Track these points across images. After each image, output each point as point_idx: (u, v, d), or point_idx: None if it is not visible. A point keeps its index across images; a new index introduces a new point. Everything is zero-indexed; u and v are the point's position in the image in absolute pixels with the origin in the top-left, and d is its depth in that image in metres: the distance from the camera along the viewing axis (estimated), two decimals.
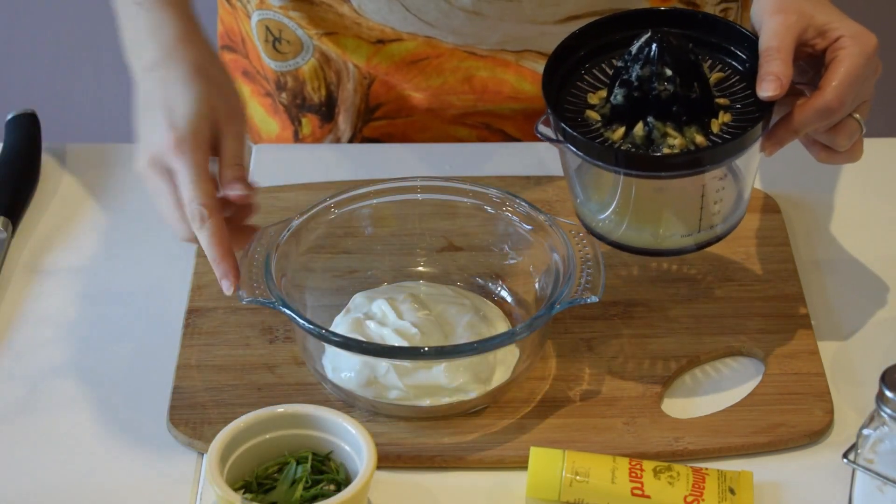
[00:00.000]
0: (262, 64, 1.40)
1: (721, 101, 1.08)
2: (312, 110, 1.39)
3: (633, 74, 1.05)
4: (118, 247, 1.26)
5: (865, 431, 0.98)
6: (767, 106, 1.06)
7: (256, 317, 1.17)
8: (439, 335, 1.11)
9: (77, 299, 1.21)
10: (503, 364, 1.10)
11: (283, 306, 1.07)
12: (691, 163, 1.05)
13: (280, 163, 1.35)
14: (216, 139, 1.10)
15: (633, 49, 1.06)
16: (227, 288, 1.07)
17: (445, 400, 1.08)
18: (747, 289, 1.20)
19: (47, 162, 1.34)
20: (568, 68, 1.11)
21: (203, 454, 1.07)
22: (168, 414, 1.10)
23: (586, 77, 1.10)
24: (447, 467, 1.07)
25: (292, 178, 1.32)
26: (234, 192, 1.08)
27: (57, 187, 1.32)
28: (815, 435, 1.08)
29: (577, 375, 1.12)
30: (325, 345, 1.09)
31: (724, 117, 1.07)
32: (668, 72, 1.05)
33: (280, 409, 1.03)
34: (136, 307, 1.20)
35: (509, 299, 1.17)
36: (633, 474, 1.02)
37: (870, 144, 1.37)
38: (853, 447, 0.99)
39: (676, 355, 1.14)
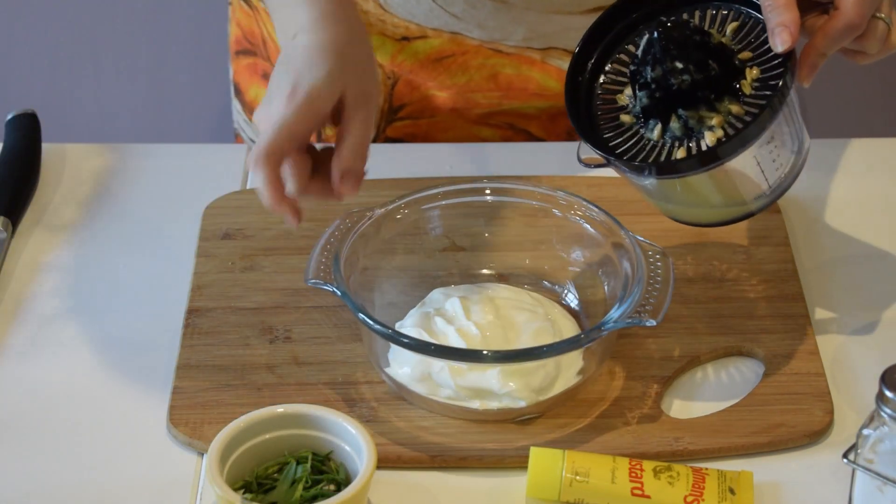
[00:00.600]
0: None
1: (744, 54, 1.06)
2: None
3: (648, 77, 1.05)
4: (118, 247, 1.26)
5: (865, 431, 0.98)
6: (788, 54, 1.04)
7: (256, 317, 1.17)
8: (502, 340, 1.11)
9: (77, 299, 1.21)
10: (562, 377, 1.10)
11: (343, 295, 1.08)
12: (728, 150, 1.03)
13: None
14: (341, 119, 1.06)
15: (639, 53, 1.06)
16: (290, 222, 1.05)
17: (495, 405, 1.08)
18: (747, 289, 1.20)
19: (47, 162, 1.34)
20: (587, 78, 1.10)
21: (203, 454, 1.07)
22: (168, 414, 1.10)
23: (608, 79, 1.09)
24: (447, 467, 1.07)
25: None
26: (343, 187, 1.06)
27: (57, 187, 1.32)
28: (815, 435, 1.08)
29: None
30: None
31: (752, 73, 1.05)
32: (679, 65, 1.04)
33: (280, 409, 1.03)
34: (136, 307, 1.20)
35: (575, 306, 1.18)
36: (633, 474, 1.02)
37: (870, 144, 1.37)
38: (853, 447, 0.99)
39: (676, 355, 1.14)
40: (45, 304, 1.20)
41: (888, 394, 0.95)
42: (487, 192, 1.19)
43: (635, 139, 1.06)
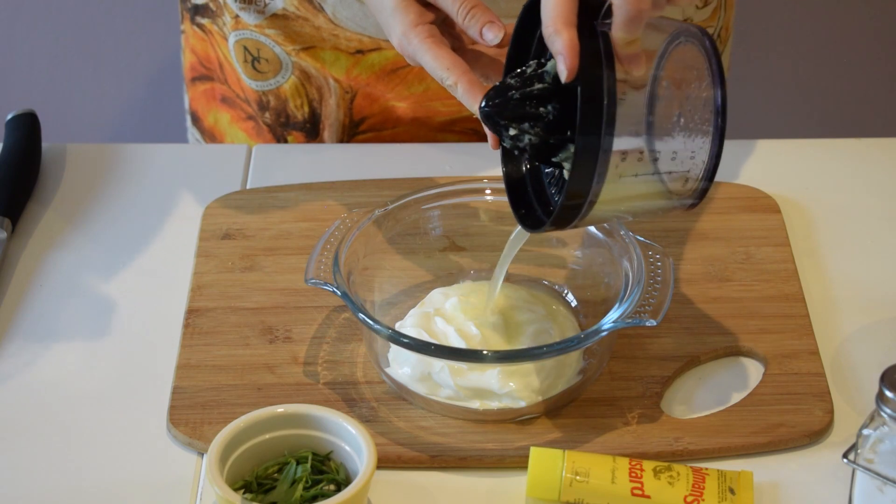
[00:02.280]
0: (241, 86, 1.39)
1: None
2: (297, 128, 1.39)
3: (508, 144, 1.02)
4: (118, 247, 1.26)
5: (865, 431, 0.98)
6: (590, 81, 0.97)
7: (256, 317, 1.17)
8: (501, 340, 1.11)
9: (77, 299, 1.21)
10: (562, 377, 1.10)
11: (343, 295, 1.08)
12: (573, 198, 0.98)
13: (280, 163, 1.35)
14: None
15: (490, 140, 1.03)
16: (493, 38, 1.04)
17: (495, 405, 1.08)
18: (747, 289, 1.20)
19: (47, 162, 1.34)
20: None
21: (203, 454, 1.07)
22: (168, 414, 1.10)
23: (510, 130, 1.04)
24: (447, 467, 1.07)
25: (292, 178, 1.32)
26: (486, 37, 1.04)
27: (57, 187, 1.32)
28: (815, 435, 1.08)
29: None
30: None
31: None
32: (513, 131, 1.00)
33: (280, 409, 1.03)
34: (136, 307, 1.20)
35: (575, 306, 1.18)
36: (633, 474, 1.02)
37: (870, 144, 1.37)
38: (853, 447, 0.99)
39: (676, 355, 1.14)
40: (45, 304, 1.20)
41: (888, 394, 0.95)
42: (487, 192, 1.19)
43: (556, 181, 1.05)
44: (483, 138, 1.38)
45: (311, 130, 1.39)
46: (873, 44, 2.24)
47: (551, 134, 1.00)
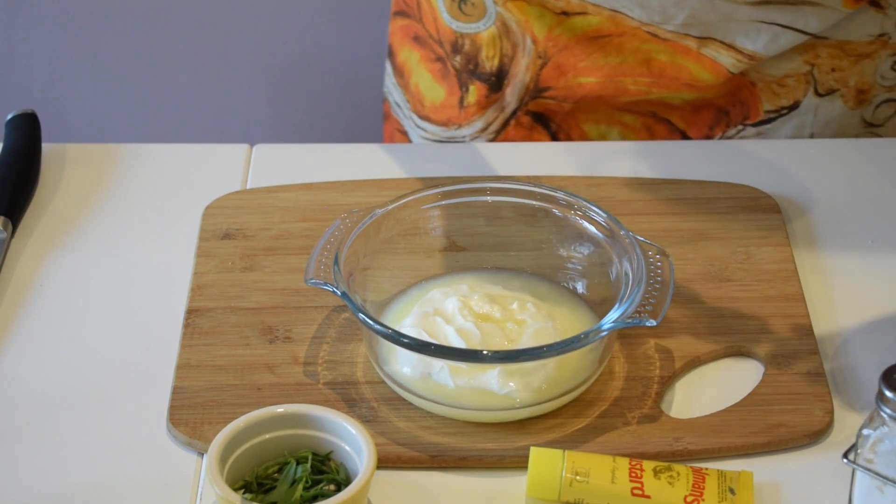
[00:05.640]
0: (437, 27, 1.39)
1: None
2: (482, 78, 1.39)
3: None
4: (118, 247, 1.26)
5: (865, 431, 0.98)
6: None
7: (256, 317, 1.17)
8: (502, 340, 1.11)
9: (77, 299, 1.21)
10: (562, 376, 1.09)
11: (343, 295, 1.08)
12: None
13: (280, 163, 1.35)
14: None
15: None
16: None
17: (495, 405, 1.08)
18: (747, 289, 1.20)
19: (47, 162, 1.34)
20: None
21: (203, 454, 1.07)
22: (168, 414, 1.10)
23: None
24: (447, 467, 1.07)
25: (292, 178, 1.32)
26: None
27: (57, 187, 1.32)
28: (815, 435, 1.08)
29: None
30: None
31: None
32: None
33: (280, 409, 1.03)
34: (136, 307, 1.20)
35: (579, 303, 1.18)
36: (633, 474, 1.02)
37: (870, 144, 1.37)
38: (853, 447, 0.99)
39: (676, 355, 1.14)
40: (45, 303, 1.20)
41: (888, 394, 0.95)
42: (487, 192, 1.19)
43: None
44: (656, 125, 1.38)
45: (496, 84, 1.39)
46: None
47: None
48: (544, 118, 1.40)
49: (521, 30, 1.34)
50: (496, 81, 1.39)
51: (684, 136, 1.41)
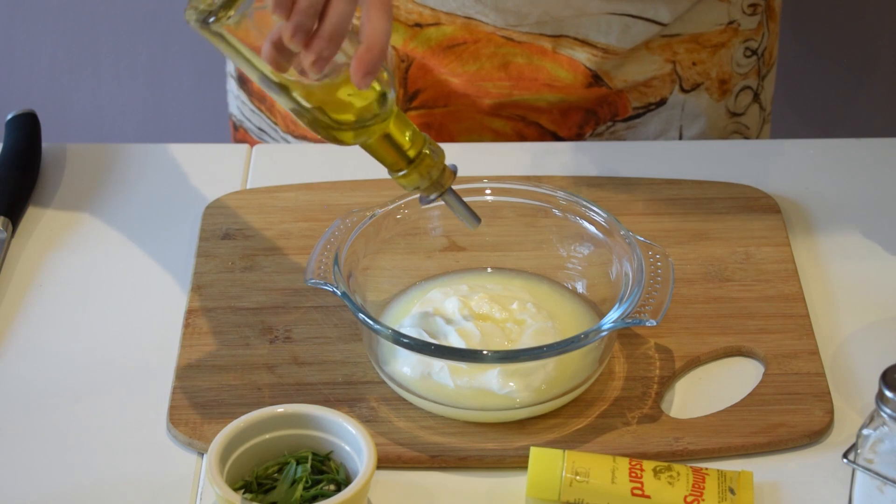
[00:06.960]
0: None
1: None
2: None
3: None
4: (118, 247, 1.26)
5: (865, 431, 0.98)
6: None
7: (256, 317, 1.17)
8: (502, 340, 1.11)
9: (77, 299, 1.21)
10: (562, 377, 1.09)
11: (343, 295, 1.08)
12: None
13: (280, 163, 1.35)
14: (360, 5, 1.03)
15: None
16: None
17: (495, 405, 1.08)
18: (747, 289, 1.20)
19: (47, 162, 1.34)
20: None
21: (203, 454, 1.07)
22: (168, 414, 1.10)
23: None
24: (447, 467, 1.07)
25: (292, 178, 1.32)
26: (359, 78, 1.01)
27: (57, 187, 1.32)
28: (815, 435, 1.08)
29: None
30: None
31: None
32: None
33: (280, 409, 1.03)
34: (136, 307, 1.20)
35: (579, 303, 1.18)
36: (633, 474, 1.02)
37: (870, 144, 1.37)
38: (853, 447, 0.99)
39: (676, 355, 1.14)
40: (45, 304, 1.20)
41: (888, 394, 0.95)
42: (487, 192, 1.19)
43: None
44: (526, 129, 1.38)
45: None
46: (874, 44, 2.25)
47: None
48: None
49: None
50: None
51: (556, 137, 1.41)
